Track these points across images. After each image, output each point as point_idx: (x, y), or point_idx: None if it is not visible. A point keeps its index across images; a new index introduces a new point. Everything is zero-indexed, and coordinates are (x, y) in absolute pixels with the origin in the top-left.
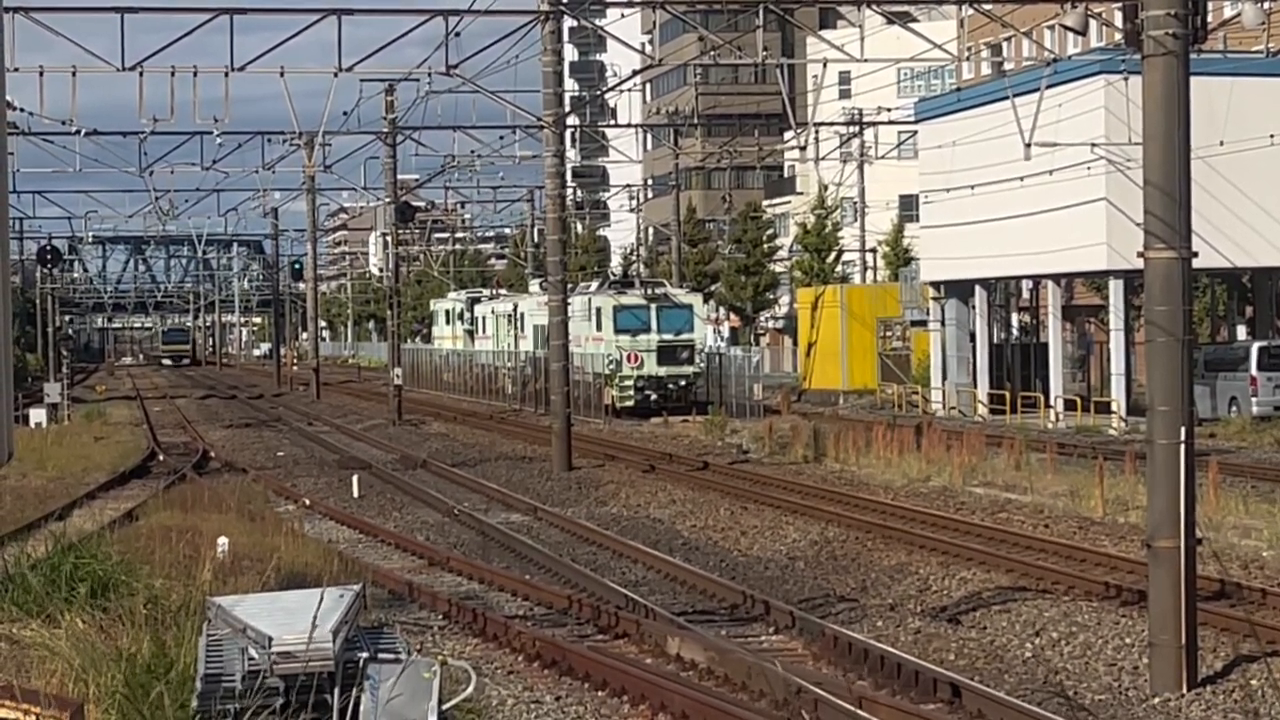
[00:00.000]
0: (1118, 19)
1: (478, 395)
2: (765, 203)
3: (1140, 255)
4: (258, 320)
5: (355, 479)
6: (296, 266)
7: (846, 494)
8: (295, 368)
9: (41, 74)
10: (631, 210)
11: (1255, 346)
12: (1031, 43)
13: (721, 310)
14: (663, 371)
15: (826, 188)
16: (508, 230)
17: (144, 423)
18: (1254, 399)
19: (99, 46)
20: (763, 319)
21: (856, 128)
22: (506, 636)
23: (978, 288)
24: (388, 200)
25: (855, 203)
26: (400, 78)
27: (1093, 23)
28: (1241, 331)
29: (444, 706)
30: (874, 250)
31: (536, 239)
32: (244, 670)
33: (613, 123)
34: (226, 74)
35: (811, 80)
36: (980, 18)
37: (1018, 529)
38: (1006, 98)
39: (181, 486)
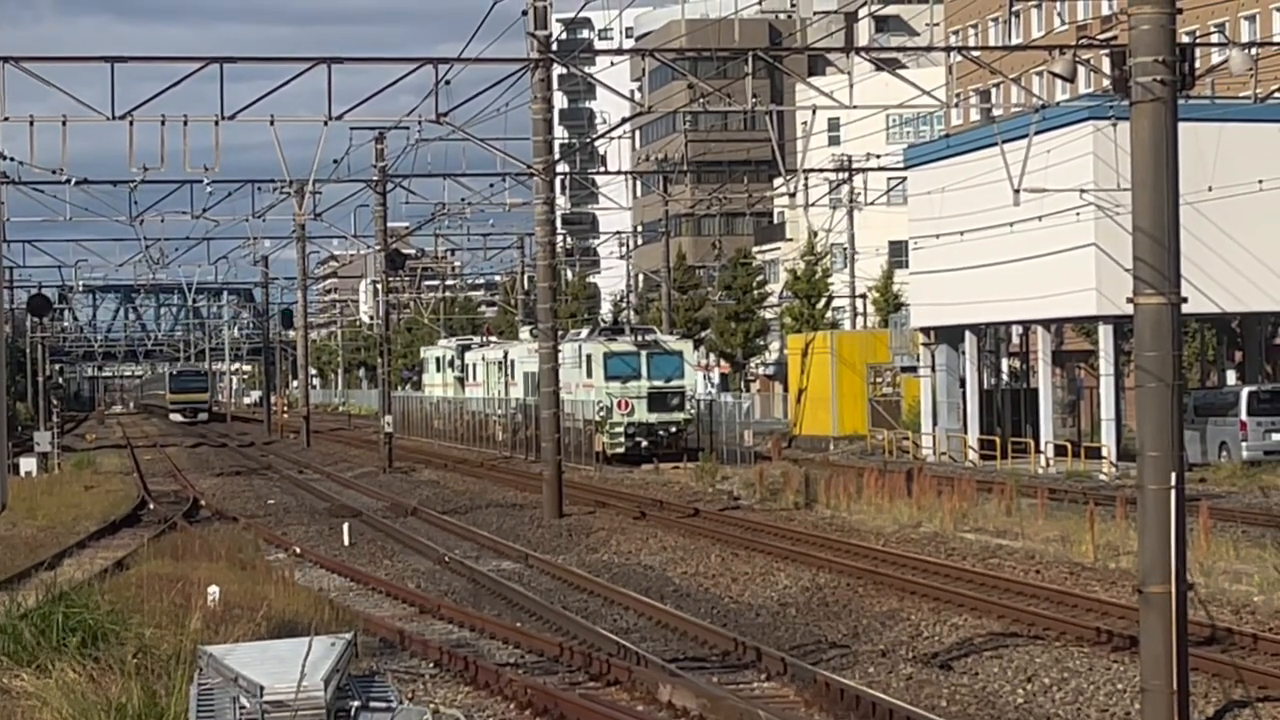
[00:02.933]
0: (1106, 65)
1: (468, 442)
2: (755, 249)
3: (1130, 301)
4: (248, 368)
5: (346, 527)
6: (287, 314)
7: (838, 540)
8: (286, 415)
9: (32, 123)
10: (621, 257)
11: (1245, 391)
12: (1020, 89)
13: (712, 357)
14: (653, 418)
15: (816, 234)
16: (498, 277)
17: (134, 471)
18: (1244, 444)
19: (89, 96)
20: (753, 365)
21: (846, 174)
22: (498, 684)
23: (968, 333)
24: (378, 248)
25: (845, 249)
26: (390, 125)
27: (1081, 69)
28: (1231, 376)
29: None
30: (864, 296)
31: (527, 286)
32: (236, 719)
33: (602, 170)
34: (217, 122)
35: (801, 127)
36: (969, 64)
37: (1009, 574)
38: (995, 144)
39: (172, 535)
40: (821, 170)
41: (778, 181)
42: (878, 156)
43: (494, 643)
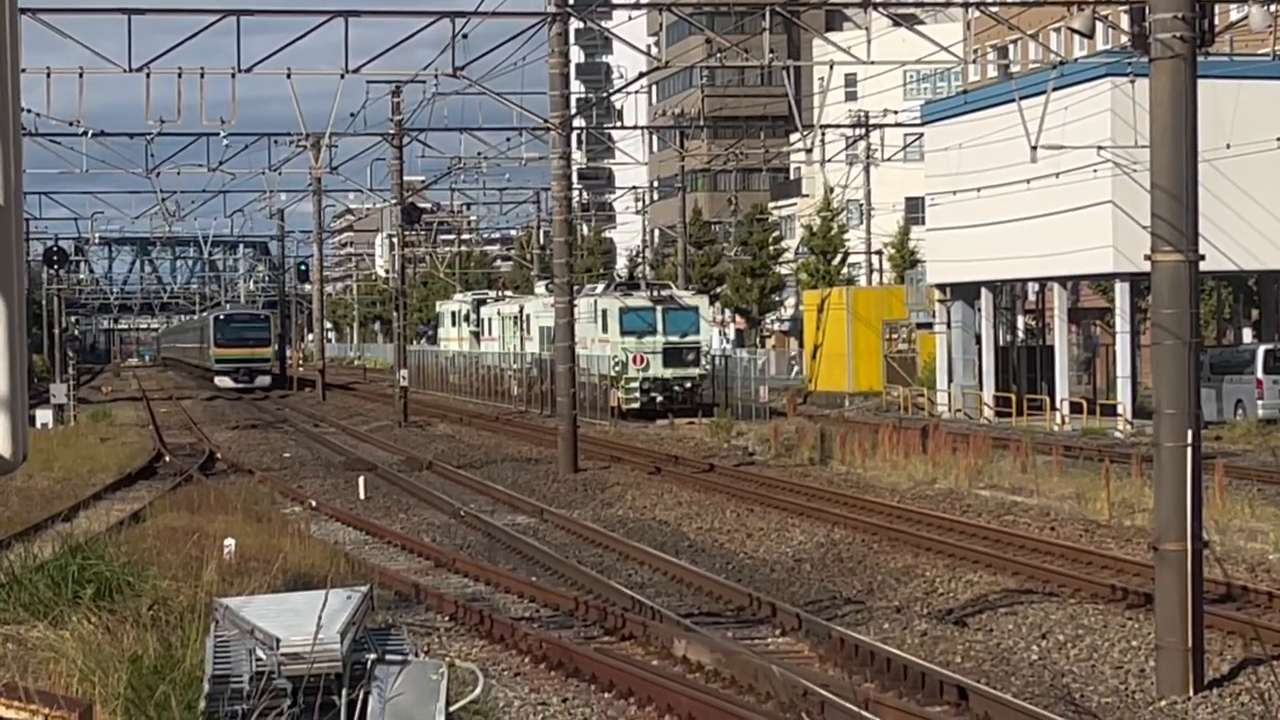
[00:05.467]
0: (1124, 22)
1: (484, 397)
2: (771, 205)
3: (1147, 258)
4: None
5: (361, 480)
6: (302, 268)
7: (853, 496)
8: (301, 369)
9: (49, 75)
10: (637, 212)
11: (1261, 349)
12: (1038, 45)
13: (727, 312)
14: (668, 373)
15: (832, 190)
16: (514, 232)
17: (150, 424)
18: (1260, 402)
19: (106, 48)
20: (768, 321)
21: (862, 130)
22: (513, 638)
23: (984, 290)
24: (394, 202)
25: (861, 205)
26: (407, 79)
27: (1099, 25)
28: (1247, 334)
29: (451, 708)
30: (880, 253)
31: (542, 241)
32: (252, 671)
33: (619, 125)
34: (233, 75)
35: (818, 82)
36: (987, 20)
37: (1024, 532)
38: (1013, 100)
39: (188, 488)
40: (838, 126)
41: (794, 137)
42: (895, 112)
43: (509, 597)
